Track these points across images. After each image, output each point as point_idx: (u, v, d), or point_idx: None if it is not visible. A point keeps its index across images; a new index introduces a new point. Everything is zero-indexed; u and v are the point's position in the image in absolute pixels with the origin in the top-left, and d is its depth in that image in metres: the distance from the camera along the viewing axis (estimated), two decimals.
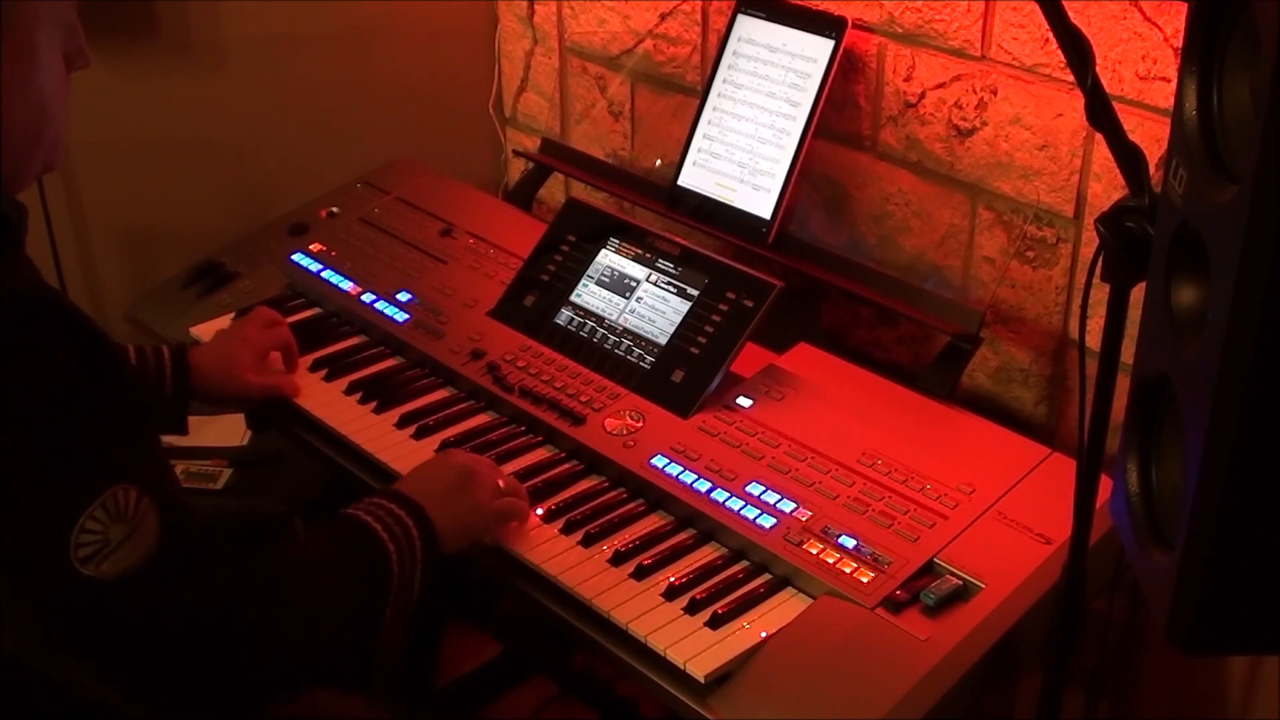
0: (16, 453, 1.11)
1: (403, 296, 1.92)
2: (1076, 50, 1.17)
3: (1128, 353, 1.16)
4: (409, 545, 1.36)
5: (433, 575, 1.38)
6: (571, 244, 1.87)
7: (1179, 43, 1.43)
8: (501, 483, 1.50)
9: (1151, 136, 1.58)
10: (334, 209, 2.16)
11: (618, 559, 1.47)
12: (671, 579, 1.43)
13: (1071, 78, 1.20)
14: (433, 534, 1.39)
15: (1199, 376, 0.95)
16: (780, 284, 1.67)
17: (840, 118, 1.93)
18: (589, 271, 1.83)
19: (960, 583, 1.40)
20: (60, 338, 1.15)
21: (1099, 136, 1.29)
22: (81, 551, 1.12)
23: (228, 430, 2.17)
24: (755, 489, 1.52)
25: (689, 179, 1.99)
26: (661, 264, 1.78)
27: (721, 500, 1.51)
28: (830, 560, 1.42)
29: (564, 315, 1.81)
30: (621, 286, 1.79)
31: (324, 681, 1.59)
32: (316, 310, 1.98)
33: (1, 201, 1.21)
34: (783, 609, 1.41)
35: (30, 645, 1.20)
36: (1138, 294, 1.14)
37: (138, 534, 1.14)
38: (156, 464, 1.22)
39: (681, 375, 1.68)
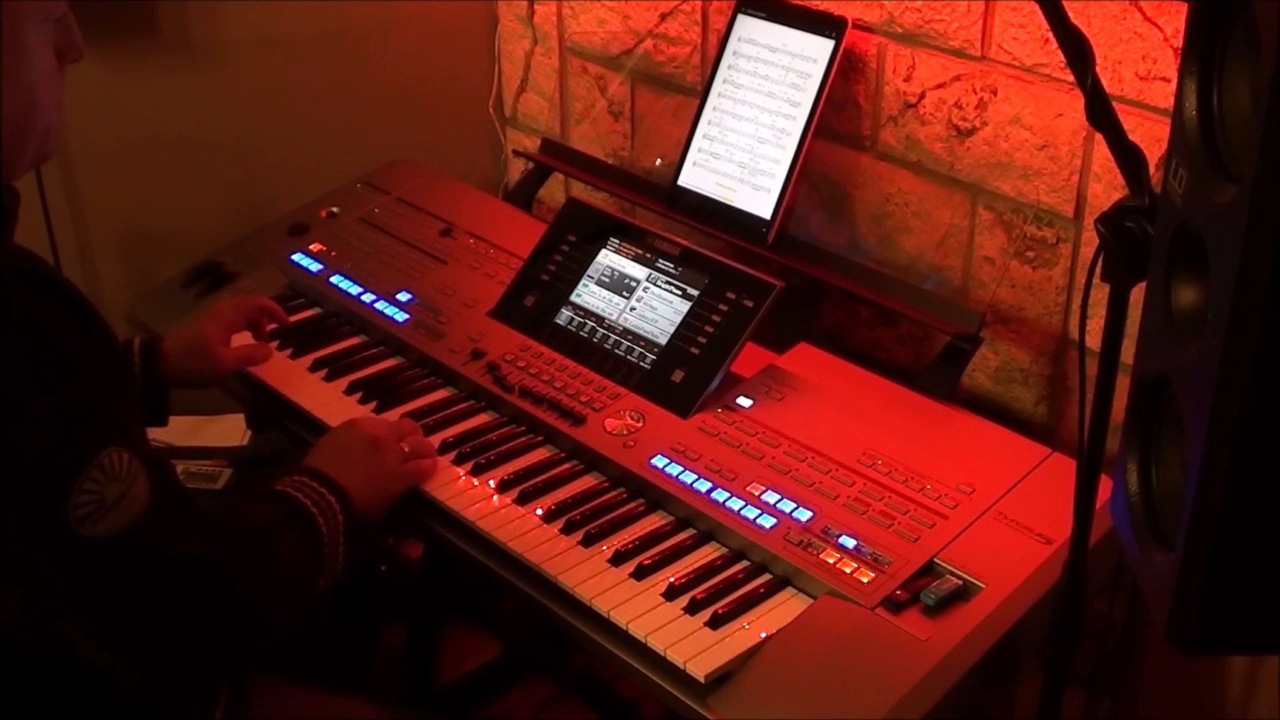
0: (18, 417, 1.13)
1: (403, 296, 1.92)
2: (1076, 50, 1.17)
3: (1128, 353, 1.16)
4: (335, 522, 1.43)
5: (354, 547, 1.45)
6: (571, 244, 1.87)
7: (1179, 43, 1.43)
8: (406, 446, 1.57)
9: (1151, 136, 1.58)
10: (334, 209, 2.16)
11: (618, 559, 1.47)
12: (671, 579, 1.43)
13: (1071, 78, 1.20)
14: (352, 510, 1.45)
15: (1199, 376, 0.95)
16: (780, 284, 1.67)
17: (840, 118, 1.93)
18: (589, 271, 1.83)
19: (960, 583, 1.40)
20: (56, 306, 1.18)
21: (1099, 136, 1.29)
22: (78, 512, 1.14)
23: (228, 430, 2.18)
24: (755, 489, 1.52)
25: (689, 179, 1.99)
26: (661, 264, 1.78)
27: (721, 500, 1.51)
28: (830, 560, 1.42)
29: (564, 315, 1.81)
30: (621, 286, 1.79)
31: (324, 682, 1.60)
32: (316, 310, 1.98)
33: None
34: (783, 609, 1.41)
35: (23, 612, 1.22)
36: (1138, 294, 1.14)
37: (130, 493, 1.17)
38: (139, 429, 1.27)
39: (681, 375, 1.68)
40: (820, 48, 1.85)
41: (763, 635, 1.36)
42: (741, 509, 1.50)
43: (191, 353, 1.73)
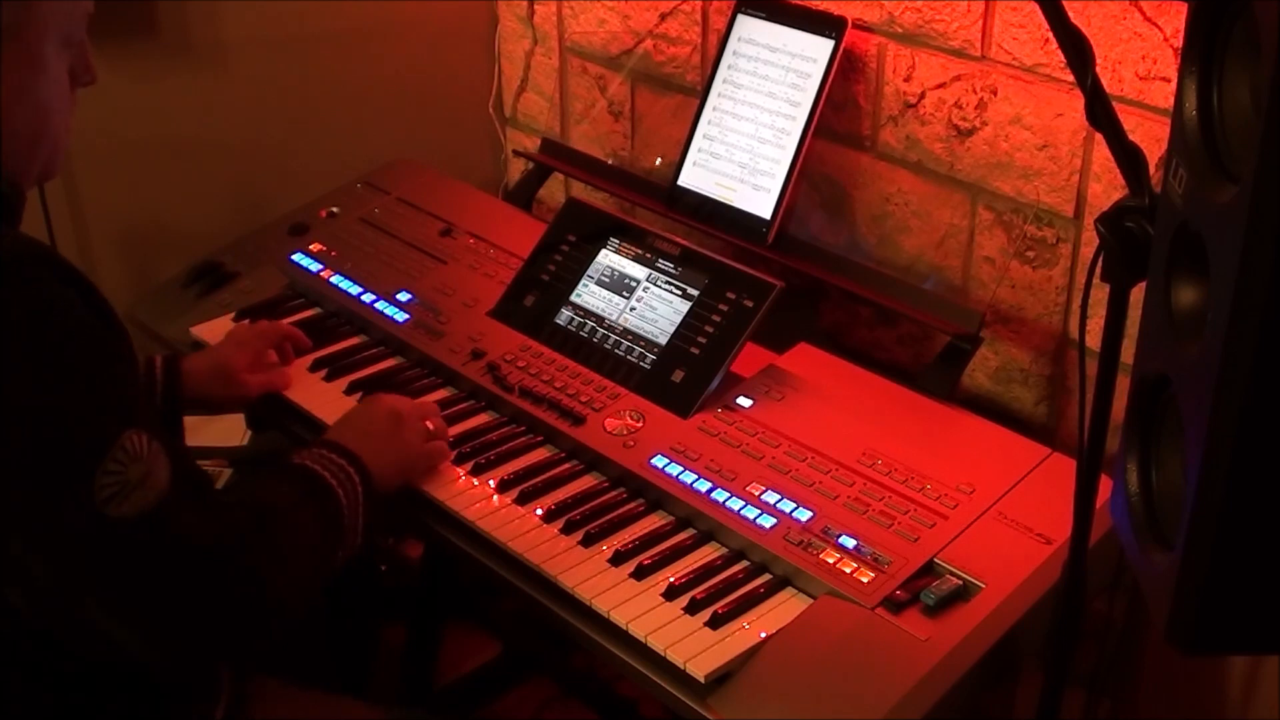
0: (41, 403, 1.15)
1: (403, 296, 1.92)
2: (1076, 50, 1.17)
3: (1128, 353, 1.16)
4: (354, 494, 1.44)
5: (373, 520, 1.46)
6: (571, 244, 1.87)
7: (1179, 43, 1.43)
8: (430, 424, 1.59)
9: (1151, 136, 1.58)
10: (334, 209, 2.16)
11: (618, 559, 1.47)
12: (671, 579, 1.43)
13: (1071, 78, 1.20)
14: (371, 482, 1.46)
15: (1199, 376, 0.95)
16: (780, 284, 1.67)
17: (840, 118, 1.93)
18: (589, 271, 1.83)
19: (960, 583, 1.40)
20: (71, 292, 1.19)
21: (1099, 136, 1.29)
22: (103, 494, 1.16)
23: (228, 430, 2.17)
24: (755, 489, 1.52)
25: (689, 179, 1.99)
26: (661, 264, 1.78)
27: (721, 500, 1.51)
28: (830, 560, 1.42)
29: (564, 315, 1.81)
30: (621, 286, 1.79)
31: (324, 683, 1.60)
32: (316, 310, 1.98)
33: (1, 182, 1.26)
34: (783, 609, 1.41)
35: (46, 596, 1.23)
36: (1138, 294, 1.14)
37: (153, 473, 1.19)
38: (149, 413, 1.29)
39: (681, 375, 1.68)
40: (820, 48, 1.85)
41: (763, 635, 1.36)
42: (741, 509, 1.50)
43: (215, 377, 1.72)
